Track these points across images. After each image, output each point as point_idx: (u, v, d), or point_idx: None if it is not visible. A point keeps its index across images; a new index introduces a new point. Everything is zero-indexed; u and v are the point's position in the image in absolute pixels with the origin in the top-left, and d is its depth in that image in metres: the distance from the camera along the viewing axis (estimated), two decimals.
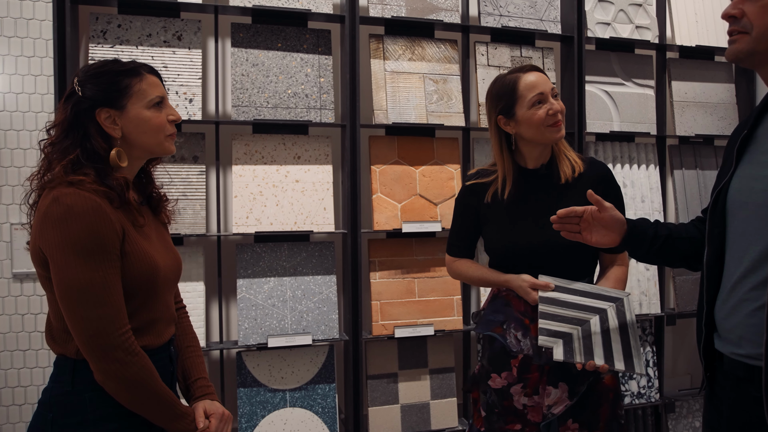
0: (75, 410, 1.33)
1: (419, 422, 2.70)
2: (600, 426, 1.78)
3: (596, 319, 1.65)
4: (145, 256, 1.36)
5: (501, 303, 1.86)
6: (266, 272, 2.57)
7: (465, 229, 1.95)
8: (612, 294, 1.68)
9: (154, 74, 1.43)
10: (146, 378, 1.33)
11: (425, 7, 2.66)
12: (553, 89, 1.75)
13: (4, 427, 2.26)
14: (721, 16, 1.29)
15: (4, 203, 2.25)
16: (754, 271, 1.23)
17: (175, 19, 2.43)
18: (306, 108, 2.58)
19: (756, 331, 1.21)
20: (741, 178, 1.30)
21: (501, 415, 1.82)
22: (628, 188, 2.92)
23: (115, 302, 1.30)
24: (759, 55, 1.24)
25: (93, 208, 1.27)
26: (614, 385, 1.82)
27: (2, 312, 2.27)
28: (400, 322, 2.69)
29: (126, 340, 1.30)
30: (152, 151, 1.43)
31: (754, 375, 1.21)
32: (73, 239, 1.25)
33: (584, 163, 1.83)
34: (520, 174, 1.83)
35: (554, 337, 1.62)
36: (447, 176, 2.74)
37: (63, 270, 1.26)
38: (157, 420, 1.38)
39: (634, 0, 2.96)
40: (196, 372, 1.59)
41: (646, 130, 2.99)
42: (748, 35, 1.23)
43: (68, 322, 1.29)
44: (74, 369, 1.33)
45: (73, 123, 1.34)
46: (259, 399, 2.52)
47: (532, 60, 2.83)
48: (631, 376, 2.87)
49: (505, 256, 1.83)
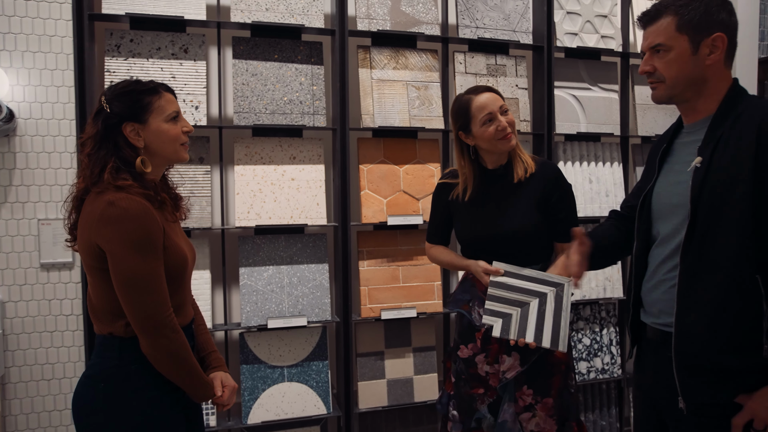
0: (122, 380, 1.48)
1: (403, 395, 2.81)
2: (552, 393, 1.97)
3: (536, 302, 1.84)
4: (179, 249, 1.53)
5: (468, 284, 2.08)
6: (265, 261, 2.66)
7: (439, 221, 2.17)
8: (555, 279, 1.86)
9: (170, 92, 1.59)
10: (184, 351, 1.49)
11: (408, 20, 2.78)
12: (502, 106, 1.94)
13: (34, 399, 2.40)
14: (639, 72, 1.54)
15: (32, 201, 2.37)
16: (671, 258, 1.47)
17: (181, 33, 2.52)
18: (300, 113, 2.67)
19: (670, 304, 1.46)
20: (662, 184, 1.55)
21: (467, 380, 2.03)
22: (593, 184, 3.06)
23: (163, 289, 1.45)
24: (676, 97, 1.49)
25: (144, 211, 1.43)
26: (566, 359, 2.00)
27: (31, 297, 2.39)
28: (386, 305, 2.78)
29: (172, 320, 1.46)
30: (170, 158, 1.58)
31: (667, 339, 1.46)
32: (129, 237, 1.40)
33: (536, 165, 2.01)
34: (482, 174, 2.05)
35: (495, 316, 1.84)
36: (428, 174, 2.86)
37: (121, 263, 1.40)
38: (187, 387, 1.53)
39: (600, 12, 3.08)
40: (209, 346, 1.75)
41: (610, 131, 3.10)
42: (664, 84, 1.47)
43: (125, 306, 1.43)
44: (121, 346, 1.48)
45: (104, 136, 1.48)
46: (260, 374, 2.62)
47: (506, 67, 2.95)
48: (597, 353, 3.08)
49: (469, 244, 2.06)
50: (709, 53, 1.42)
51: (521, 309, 1.85)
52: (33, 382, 2.42)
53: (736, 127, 1.37)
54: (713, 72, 1.44)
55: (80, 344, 2.45)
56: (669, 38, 1.44)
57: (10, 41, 2.31)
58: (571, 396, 2.02)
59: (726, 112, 1.42)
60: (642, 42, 1.53)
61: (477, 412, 2.03)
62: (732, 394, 1.36)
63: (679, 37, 1.43)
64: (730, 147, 1.36)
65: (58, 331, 2.45)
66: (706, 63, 1.43)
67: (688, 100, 1.48)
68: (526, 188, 1.98)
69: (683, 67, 1.44)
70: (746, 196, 1.32)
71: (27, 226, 2.38)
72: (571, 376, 2.04)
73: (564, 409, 2.00)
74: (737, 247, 1.33)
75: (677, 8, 1.44)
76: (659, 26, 1.46)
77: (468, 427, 2.04)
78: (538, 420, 1.97)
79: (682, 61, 1.44)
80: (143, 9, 2.41)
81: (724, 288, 1.35)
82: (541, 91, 2.97)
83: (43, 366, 2.43)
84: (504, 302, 1.87)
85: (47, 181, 2.41)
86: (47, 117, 2.41)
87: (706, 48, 1.42)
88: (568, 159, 3.06)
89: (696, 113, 1.49)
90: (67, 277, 2.43)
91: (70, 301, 2.44)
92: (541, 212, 1.98)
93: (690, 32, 1.42)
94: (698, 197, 1.39)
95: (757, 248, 1.32)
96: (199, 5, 2.49)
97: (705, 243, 1.38)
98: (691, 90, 1.46)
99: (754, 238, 1.32)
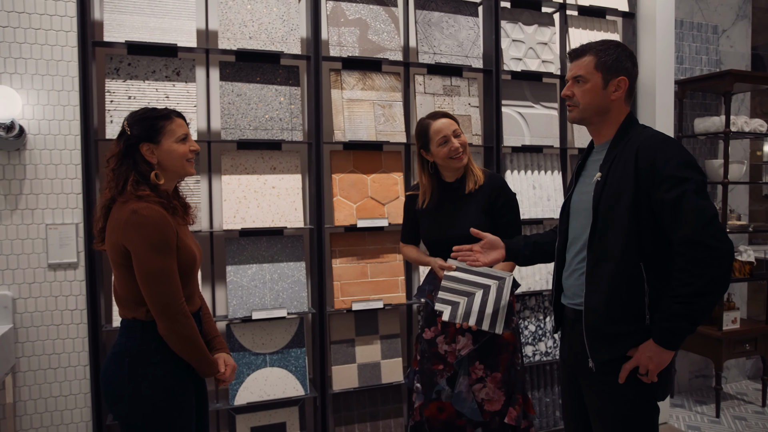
0: (144, 355, 1.71)
1: (372, 377, 2.97)
2: (500, 369, 2.26)
3: (480, 292, 2.11)
4: (189, 249, 1.76)
5: (432, 277, 2.38)
6: (249, 260, 2.80)
7: (409, 226, 2.47)
8: (497, 274, 2.14)
9: (181, 117, 1.82)
10: (194, 334, 1.72)
11: (374, 47, 3.01)
12: (456, 130, 2.24)
13: (42, 386, 2.56)
14: (561, 95, 1.87)
15: (40, 208, 2.51)
16: (581, 252, 1.81)
17: (173, 58, 2.67)
18: (280, 129, 2.83)
19: (580, 288, 1.79)
20: (577, 193, 1.89)
21: (429, 358, 2.32)
22: (537, 190, 3.34)
23: (176, 282, 1.68)
24: (585, 120, 1.83)
25: (161, 218, 1.66)
26: (513, 341, 2.29)
27: (40, 294, 2.54)
28: (356, 298, 2.92)
29: (184, 307, 1.69)
30: (179, 173, 1.81)
31: (579, 316, 1.79)
32: (149, 240, 1.64)
33: (485, 177, 2.32)
34: (440, 185, 2.36)
35: (446, 304, 2.11)
36: (392, 182, 3.06)
37: (144, 261, 1.64)
38: (195, 364, 1.76)
39: (541, 40, 3.37)
40: (213, 331, 1.99)
41: (551, 143, 3.36)
42: (578, 108, 1.81)
43: (146, 296, 1.65)
44: (143, 328, 1.72)
45: (124, 154, 1.73)
46: (245, 361, 2.77)
47: (460, 87, 3.18)
48: (541, 338, 3.35)
49: (430, 245, 2.38)
50: (614, 90, 1.76)
51: (467, 298, 2.12)
52: (41, 371, 2.57)
53: (625, 150, 1.71)
54: (615, 105, 1.78)
55: (84, 336, 2.61)
56: (587, 73, 1.77)
57: (21, 65, 2.49)
58: (517, 373, 2.30)
59: (620, 138, 1.76)
60: (568, 72, 1.85)
61: (437, 385, 2.30)
62: (621, 352, 1.70)
63: (595, 74, 1.76)
64: (620, 166, 1.70)
65: (63, 325, 2.60)
66: (611, 98, 1.77)
67: (594, 123, 1.82)
68: (476, 197, 2.29)
69: (594, 97, 1.77)
70: (629, 204, 1.66)
71: (36, 230, 2.54)
72: (518, 356, 2.32)
73: (511, 383, 2.28)
74: (624, 242, 1.67)
75: (597, 51, 1.78)
76: (582, 62, 1.79)
77: (429, 398, 2.31)
78: (488, 390, 2.25)
79: (594, 92, 1.77)
80: (140, 37, 2.60)
81: (616, 274, 1.68)
82: (491, 108, 3.19)
83: (50, 356, 2.58)
84: (454, 293, 2.14)
85: (54, 190, 2.56)
86: (54, 133, 2.55)
87: (613, 86, 1.76)
88: (515, 168, 3.35)
89: (600, 136, 1.84)
90: (72, 276, 2.60)
91: (74, 297, 2.61)
92: (488, 217, 2.28)
93: (603, 71, 1.76)
94: (598, 204, 1.73)
95: (639, 243, 1.67)
96: (190, 33, 2.67)
97: (602, 240, 1.72)
98: (597, 117, 1.80)
99: (636, 235, 1.67)
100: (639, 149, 1.67)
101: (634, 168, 1.66)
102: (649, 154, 1.65)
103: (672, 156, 1.62)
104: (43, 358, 2.59)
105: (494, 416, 2.27)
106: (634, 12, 3.60)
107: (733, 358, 3.85)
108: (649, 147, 1.66)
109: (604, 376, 1.75)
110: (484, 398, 2.26)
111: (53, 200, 2.58)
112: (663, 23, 3.49)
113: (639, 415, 1.72)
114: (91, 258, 2.55)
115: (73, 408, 2.63)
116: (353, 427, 3.00)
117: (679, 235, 1.57)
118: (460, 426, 2.29)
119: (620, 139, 1.76)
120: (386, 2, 3.09)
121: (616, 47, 1.78)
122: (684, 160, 1.62)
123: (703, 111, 4.16)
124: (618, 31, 3.65)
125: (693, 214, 1.55)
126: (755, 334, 3.80)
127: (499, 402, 2.27)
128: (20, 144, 2.50)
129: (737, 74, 3.68)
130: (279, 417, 2.87)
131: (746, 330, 3.77)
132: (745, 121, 3.81)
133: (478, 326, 2.10)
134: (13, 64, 2.50)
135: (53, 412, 2.61)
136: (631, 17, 3.60)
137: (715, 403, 3.79)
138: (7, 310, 2.50)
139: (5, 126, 2.40)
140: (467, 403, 2.26)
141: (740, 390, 4.26)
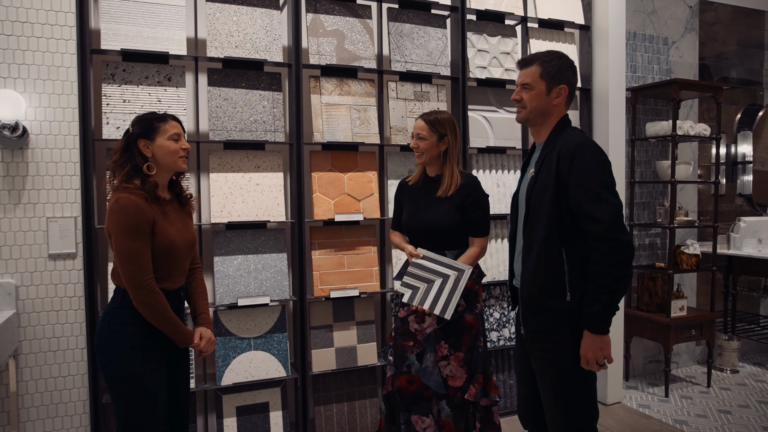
0: (123, 316, 1.92)
1: (349, 360, 3.11)
2: (463, 349, 2.45)
3: (439, 281, 2.30)
4: (166, 234, 1.93)
5: (408, 263, 2.60)
6: (235, 251, 2.94)
7: (397, 213, 2.66)
8: (458, 266, 2.34)
9: (175, 120, 2.02)
10: (160, 306, 1.90)
11: (350, 56, 3.18)
12: (420, 134, 2.45)
13: (43, 367, 2.71)
14: (511, 98, 2.09)
15: (41, 202, 2.66)
16: (521, 238, 2.04)
17: (165, 65, 2.81)
18: (263, 131, 2.96)
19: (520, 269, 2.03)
20: (521, 186, 2.12)
21: (401, 335, 2.52)
22: (501, 188, 3.56)
23: (144, 262, 1.87)
24: (529, 121, 2.05)
25: (135, 206, 1.85)
26: (477, 325, 2.48)
27: (41, 282, 2.69)
28: (334, 286, 3.03)
29: (150, 283, 1.87)
30: (170, 167, 1.99)
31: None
32: (122, 224, 1.84)
33: (462, 177, 2.50)
34: (425, 179, 2.58)
35: (408, 288, 2.30)
36: (367, 180, 3.19)
37: (117, 242, 1.86)
38: (169, 333, 1.96)
39: (504, 50, 3.59)
40: (202, 309, 2.17)
41: (513, 145, 3.57)
42: (525, 110, 2.03)
43: (120, 271, 1.87)
44: (124, 294, 1.93)
45: (125, 148, 1.94)
46: (231, 345, 2.90)
47: (430, 93, 3.36)
48: (505, 325, 3.55)
49: (407, 231, 2.57)
50: (556, 97, 1.99)
51: (427, 285, 2.31)
52: (42, 353, 2.72)
53: (553, 150, 1.93)
54: (555, 110, 2.01)
55: (81, 321, 2.77)
56: (533, 80, 1.98)
57: (24, 71, 2.66)
58: (479, 354, 2.49)
59: (552, 139, 1.98)
60: (517, 78, 2.05)
61: (408, 359, 2.51)
62: (548, 323, 1.93)
63: (540, 81, 1.98)
64: (548, 164, 1.92)
65: (63, 310, 2.74)
66: (553, 103, 1.99)
67: (536, 125, 2.04)
68: (452, 194, 2.48)
69: (539, 101, 1.98)
70: (552, 197, 1.88)
71: (37, 222, 2.70)
72: (480, 340, 2.51)
73: (472, 363, 2.48)
74: (548, 229, 1.89)
75: (542, 62, 1.99)
76: (529, 71, 2.00)
77: (400, 370, 2.52)
78: (452, 368, 2.46)
79: (539, 98, 1.98)
80: (134, 45, 2.76)
81: (542, 256, 1.91)
82: (458, 112, 3.35)
83: (50, 339, 2.73)
84: (417, 278, 2.33)
85: (54, 186, 2.70)
86: (54, 133, 2.69)
87: (555, 93, 1.98)
88: (480, 168, 3.57)
89: (540, 136, 2.06)
90: (71, 266, 2.76)
91: (73, 285, 2.76)
92: (460, 212, 2.47)
93: (547, 80, 1.97)
94: (530, 196, 1.95)
95: (560, 231, 1.89)
96: (180, 42, 2.84)
97: (533, 227, 1.94)
98: (540, 119, 2.02)
99: (558, 224, 1.88)
100: (561, 150, 1.89)
101: (556, 169, 1.88)
102: (566, 156, 1.86)
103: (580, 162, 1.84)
104: (43, 341, 2.73)
105: (456, 391, 2.48)
106: (589, 25, 3.87)
107: (681, 343, 4.15)
108: (567, 151, 1.87)
109: (539, 342, 1.98)
110: (448, 374, 2.46)
111: (53, 195, 2.73)
112: (615, 35, 3.76)
113: (572, 372, 1.93)
114: (89, 249, 2.70)
115: (72, 388, 2.79)
116: (331, 407, 3.14)
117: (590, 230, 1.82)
118: (428, 397, 2.50)
119: (552, 140, 1.98)
120: (361, 15, 3.28)
121: (559, 58, 2.00)
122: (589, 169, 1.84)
123: (655, 116, 4.45)
124: (575, 43, 3.90)
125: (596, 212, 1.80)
126: (700, 321, 4.12)
127: (461, 379, 2.47)
128: (23, 143, 2.66)
129: (682, 83, 4.00)
130: (262, 397, 3.01)
131: (692, 317, 4.09)
132: (691, 126, 4.14)
133: (431, 311, 2.29)
134: (17, 69, 2.67)
135: (53, 392, 2.76)
136: (587, 29, 3.87)
137: (664, 385, 4.09)
138: (10, 296, 2.66)
139: (10, 126, 2.56)
140: (433, 377, 2.47)
141: (689, 374, 4.58)
